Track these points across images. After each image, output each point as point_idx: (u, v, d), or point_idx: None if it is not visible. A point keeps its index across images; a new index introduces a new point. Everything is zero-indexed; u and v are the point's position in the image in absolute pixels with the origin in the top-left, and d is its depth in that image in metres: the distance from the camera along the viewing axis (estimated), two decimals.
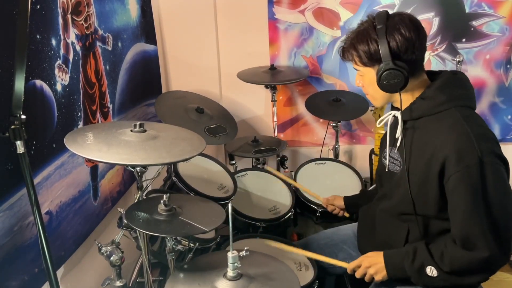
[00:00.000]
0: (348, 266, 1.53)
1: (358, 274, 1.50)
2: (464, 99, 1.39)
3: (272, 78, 2.52)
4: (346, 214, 1.97)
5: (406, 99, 1.43)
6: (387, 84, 1.36)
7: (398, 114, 1.46)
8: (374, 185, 1.96)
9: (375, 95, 1.47)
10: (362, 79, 1.46)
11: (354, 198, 1.94)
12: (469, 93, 1.42)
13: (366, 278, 1.48)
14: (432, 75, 1.45)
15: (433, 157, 1.33)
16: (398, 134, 1.45)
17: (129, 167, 1.47)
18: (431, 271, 1.36)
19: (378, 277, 1.45)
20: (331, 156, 2.66)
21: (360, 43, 1.39)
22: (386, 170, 1.54)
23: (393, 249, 1.48)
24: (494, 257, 1.29)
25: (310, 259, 1.73)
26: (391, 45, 1.34)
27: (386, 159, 1.54)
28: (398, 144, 1.47)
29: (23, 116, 1.14)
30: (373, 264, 1.46)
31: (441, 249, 1.36)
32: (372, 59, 1.38)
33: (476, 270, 1.33)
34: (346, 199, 1.94)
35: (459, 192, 1.29)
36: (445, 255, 1.34)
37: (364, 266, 1.48)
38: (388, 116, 1.52)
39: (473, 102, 1.42)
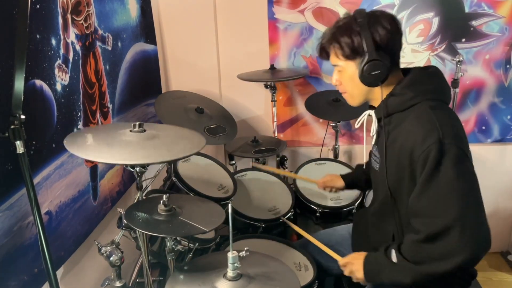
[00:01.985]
0: (340, 261, 1.54)
1: (346, 271, 1.51)
2: (433, 93, 1.39)
3: (271, 76, 2.51)
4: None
5: (378, 97, 1.44)
6: (369, 76, 1.38)
7: (372, 112, 1.50)
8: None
9: (354, 92, 1.47)
10: (341, 75, 1.46)
11: (352, 175, 1.97)
12: (439, 87, 1.43)
13: (353, 277, 1.48)
14: (407, 72, 1.46)
15: (402, 148, 1.35)
16: (373, 132, 1.49)
17: (129, 167, 1.47)
18: (393, 255, 1.36)
19: (357, 274, 1.45)
20: (331, 156, 2.66)
21: (342, 35, 1.39)
22: (373, 168, 1.57)
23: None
24: (429, 241, 1.27)
25: (309, 259, 1.73)
26: (374, 36, 1.35)
27: (370, 157, 1.60)
28: (373, 141, 1.52)
29: (22, 116, 1.14)
30: (356, 259, 1.47)
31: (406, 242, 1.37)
32: (354, 52, 1.38)
33: (423, 257, 1.30)
34: (346, 177, 1.96)
35: (420, 170, 1.29)
36: (404, 242, 1.36)
37: (350, 262, 1.49)
38: (363, 117, 1.54)
39: (445, 96, 1.43)
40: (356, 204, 2.17)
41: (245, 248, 1.27)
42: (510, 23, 2.51)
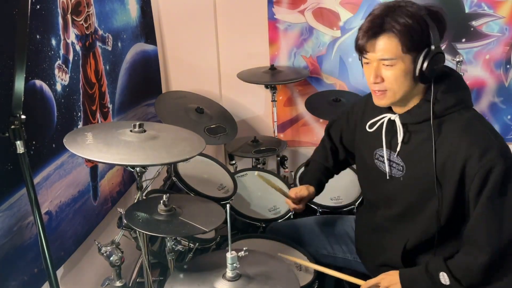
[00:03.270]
0: (365, 284, 1.47)
1: None
2: (468, 100, 1.36)
3: (272, 78, 2.52)
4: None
5: (409, 100, 1.36)
6: (430, 70, 1.27)
7: (395, 117, 1.39)
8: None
9: (400, 90, 1.31)
10: (389, 70, 1.28)
11: (318, 178, 1.72)
12: (469, 92, 1.39)
13: None
14: None
15: (449, 159, 1.28)
16: (400, 138, 1.39)
17: (129, 167, 1.47)
18: (444, 278, 1.32)
19: None
20: None
21: (408, 21, 1.23)
22: (388, 176, 1.45)
23: (390, 254, 1.47)
24: (495, 262, 1.27)
25: (310, 259, 1.72)
26: (439, 28, 1.28)
27: (383, 162, 1.46)
28: (398, 148, 1.40)
29: (23, 116, 1.14)
30: (393, 282, 1.41)
31: (453, 258, 1.34)
32: (422, 43, 1.25)
33: (486, 277, 1.30)
34: (315, 183, 1.70)
35: (486, 185, 1.24)
36: (457, 263, 1.32)
37: (383, 285, 1.43)
38: (382, 120, 1.43)
39: (471, 101, 1.39)
40: (357, 204, 2.17)
41: (244, 248, 1.27)
42: (510, 23, 2.51)
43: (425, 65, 1.26)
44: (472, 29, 2.53)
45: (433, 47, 1.26)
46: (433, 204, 1.34)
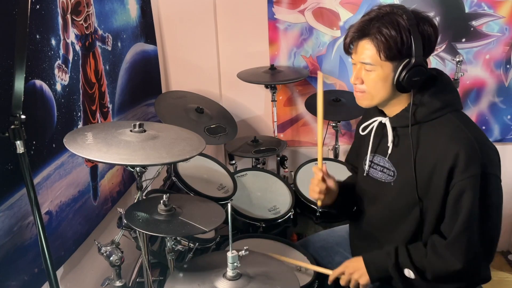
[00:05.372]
0: (332, 273, 1.50)
1: (343, 282, 1.47)
2: (456, 103, 1.36)
3: (272, 78, 2.52)
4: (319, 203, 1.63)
5: (396, 103, 1.37)
6: (409, 82, 1.27)
7: (385, 120, 1.40)
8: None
9: (378, 94, 1.33)
10: (368, 74, 1.31)
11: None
12: (457, 94, 1.39)
13: (351, 285, 1.45)
14: None
15: (437, 165, 1.29)
16: (390, 142, 1.39)
17: (129, 167, 1.47)
18: (409, 273, 1.34)
19: (362, 281, 1.42)
20: (331, 156, 2.66)
21: (389, 30, 1.23)
22: (378, 182, 1.47)
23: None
24: (466, 270, 1.29)
25: (310, 259, 1.72)
26: (423, 38, 1.25)
27: (375, 168, 1.47)
28: (389, 151, 1.41)
29: (23, 116, 1.14)
30: (356, 269, 1.43)
31: (421, 255, 1.34)
32: (399, 52, 1.25)
33: (451, 279, 1.34)
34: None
35: (462, 199, 1.27)
36: (425, 262, 1.33)
37: (348, 272, 1.45)
38: (373, 123, 1.44)
39: (461, 103, 1.39)
40: None
41: (245, 248, 1.27)
42: (510, 23, 2.51)
43: (402, 75, 1.28)
44: (472, 29, 2.53)
45: (413, 60, 1.26)
46: (431, 206, 1.35)
